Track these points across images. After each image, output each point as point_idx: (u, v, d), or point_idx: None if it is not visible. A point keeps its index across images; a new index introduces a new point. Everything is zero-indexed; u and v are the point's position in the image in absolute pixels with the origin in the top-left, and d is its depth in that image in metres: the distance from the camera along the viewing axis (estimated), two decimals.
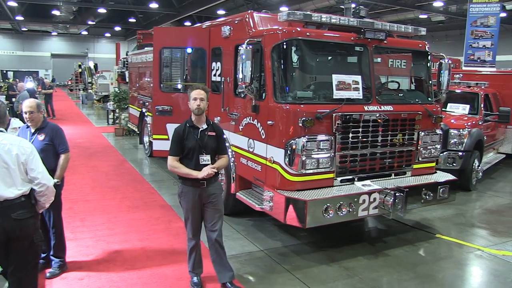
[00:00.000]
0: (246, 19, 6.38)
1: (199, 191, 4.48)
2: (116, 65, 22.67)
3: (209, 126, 4.57)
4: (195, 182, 4.44)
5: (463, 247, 6.30)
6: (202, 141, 4.46)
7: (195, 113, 4.48)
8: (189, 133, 4.46)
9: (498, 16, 15.82)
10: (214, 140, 4.54)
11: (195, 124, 4.51)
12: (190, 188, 4.50)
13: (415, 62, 6.98)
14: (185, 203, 4.59)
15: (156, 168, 10.49)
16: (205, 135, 4.49)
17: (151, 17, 37.27)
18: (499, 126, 10.84)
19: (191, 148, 4.43)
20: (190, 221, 4.63)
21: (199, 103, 4.44)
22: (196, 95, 4.47)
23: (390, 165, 6.15)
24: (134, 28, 40.42)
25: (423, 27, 6.77)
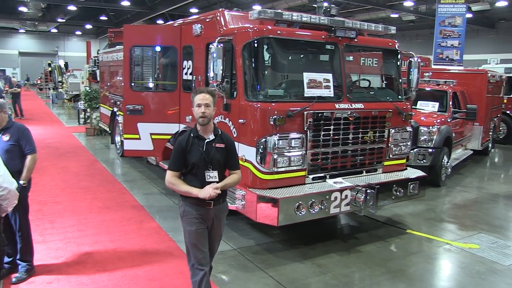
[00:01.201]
0: (217, 17, 6.36)
1: (204, 212, 3.81)
2: (87, 63, 22.28)
3: (217, 136, 3.85)
4: (200, 200, 3.76)
5: (433, 241, 6.43)
6: (208, 155, 3.76)
7: (199, 123, 3.76)
8: (193, 145, 3.77)
9: (464, 17, 16.23)
10: (223, 153, 3.84)
11: (200, 134, 3.81)
12: (194, 207, 3.81)
13: (385, 61, 7.08)
14: (188, 225, 3.84)
15: (128, 168, 10.36)
16: (212, 147, 3.78)
17: (123, 15, 36.77)
18: (466, 123, 11.09)
19: (196, 163, 3.75)
20: (195, 247, 3.81)
21: (204, 110, 3.69)
22: (200, 100, 3.71)
23: (361, 163, 6.23)
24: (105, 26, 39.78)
25: (394, 26, 6.86)
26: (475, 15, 26.67)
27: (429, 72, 11.64)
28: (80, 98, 18.40)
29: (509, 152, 14.94)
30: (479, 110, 10.90)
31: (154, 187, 8.71)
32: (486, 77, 12.14)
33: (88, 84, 18.58)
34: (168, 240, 6.04)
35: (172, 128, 7.71)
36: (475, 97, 11.76)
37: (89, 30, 49.25)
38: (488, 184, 10.34)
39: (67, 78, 25.96)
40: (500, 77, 13.73)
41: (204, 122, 3.75)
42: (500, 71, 14.62)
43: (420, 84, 10.13)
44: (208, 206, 3.80)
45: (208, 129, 3.82)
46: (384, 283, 5.05)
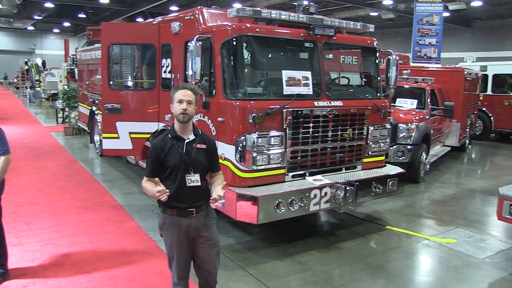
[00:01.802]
0: (196, 15, 6.33)
1: (187, 222, 3.48)
2: (65, 62, 21.95)
3: (198, 136, 3.55)
4: (181, 210, 3.46)
5: (412, 237, 6.50)
6: (189, 157, 3.45)
7: (179, 120, 3.45)
8: (172, 147, 3.45)
9: (441, 15, 16.48)
10: (205, 155, 3.55)
11: (179, 134, 3.51)
12: (174, 218, 3.49)
13: (364, 58, 7.12)
14: (169, 238, 3.55)
15: (108, 167, 10.24)
16: (193, 148, 3.48)
17: (101, 13, 36.30)
18: (444, 120, 11.25)
19: (175, 166, 3.43)
20: (175, 261, 3.57)
21: (185, 107, 3.40)
22: (181, 96, 3.42)
23: (340, 160, 6.26)
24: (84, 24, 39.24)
25: (373, 24, 6.91)
26: (452, 14, 27.16)
27: (408, 70, 11.77)
28: (58, 97, 18.11)
29: (486, 148, 15.22)
30: (456, 107, 11.05)
31: (134, 186, 8.63)
32: (463, 75, 12.33)
33: (66, 82, 18.31)
34: (147, 239, 5.99)
35: (151, 126, 7.66)
36: (452, 94, 11.94)
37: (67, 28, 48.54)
38: (465, 180, 10.51)
39: (44, 76, 25.53)
40: (476, 75, 13.95)
41: (185, 119, 3.44)
42: (476, 69, 14.85)
43: (399, 82, 10.28)
44: (190, 215, 3.48)
45: (187, 129, 3.52)
46: (363, 279, 5.09)
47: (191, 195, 3.47)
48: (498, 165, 12.59)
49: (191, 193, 3.47)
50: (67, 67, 18.92)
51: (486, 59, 20.17)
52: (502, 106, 15.84)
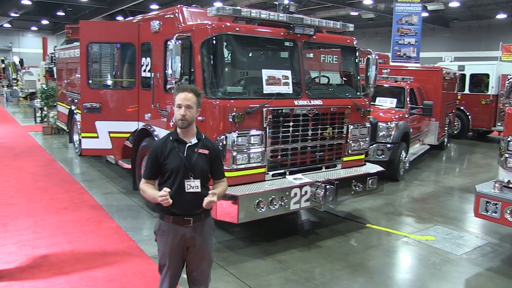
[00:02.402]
0: (176, 14, 6.29)
1: (183, 230, 3.34)
2: (44, 60, 21.61)
3: (200, 141, 3.41)
4: (177, 218, 3.33)
5: (391, 235, 6.57)
6: (190, 161, 3.30)
7: (178, 126, 3.33)
8: (172, 150, 3.31)
9: (420, 15, 16.71)
10: (207, 161, 3.40)
11: (180, 137, 3.36)
12: (170, 226, 3.36)
13: (344, 57, 7.17)
14: (162, 245, 3.43)
15: (87, 167, 10.11)
16: (194, 152, 3.34)
17: (81, 11, 35.76)
18: (423, 118, 11.40)
19: (174, 170, 3.29)
20: (166, 269, 3.45)
21: (183, 113, 3.24)
22: (181, 100, 3.26)
23: (320, 158, 6.29)
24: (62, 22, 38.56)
25: (354, 24, 6.96)
26: (431, 15, 27.55)
27: (387, 69, 11.89)
28: (36, 96, 17.84)
29: (464, 146, 15.46)
30: (435, 106, 11.22)
31: (114, 186, 8.54)
32: (441, 74, 12.53)
33: (45, 81, 18.00)
34: (127, 240, 5.94)
35: (131, 126, 7.59)
36: (431, 93, 12.11)
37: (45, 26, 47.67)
38: (444, 177, 10.66)
39: (22, 75, 25.12)
40: (454, 74, 14.17)
41: (183, 125, 3.28)
42: (454, 69, 15.09)
43: (379, 81, 10.36)
44: (187, 224, 3.33)
45: (189, 133, 3.38)
46: (344, 277, 5.13)
47: (189, 201, 3.30)
48: (475, 163, 12.81)
49: (190, 199, 3.30)
50: (45, 65, 18.64)
51: (463, 59, 20.53)
52: (479, 105, 16.12)
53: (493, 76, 15.84)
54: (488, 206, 5.47)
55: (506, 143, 5.63)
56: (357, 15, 30.95)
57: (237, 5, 21.61)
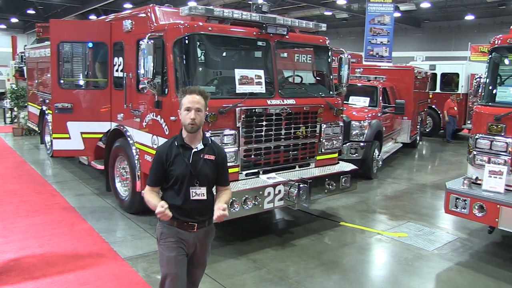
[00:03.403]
0: (148, 13, 6.25)
1: (186, 236, 3.26)
2: (13, 59, 21.13)
3: (207, 146, 3.29)
4: (182, 223, 3.23)
5: (365, 232, 6.66)
6: (195, 168, 3.19)
7: (187, 130, 3.19)
8: (178, 155, 3.19)
9: (392, 16, 16.97)
10: (213, 167, 3.29)
11: (186, 143, 3.24)
12: (174, 229, 3.24)
13: (317, 57, 7.22)
14: (167, 251, 3.25)
15: (59, 168, 9.94)
16: (200, 158, 3.23)
17: (52, 9, 35.08)
18: (396, 117, 11.57)
19: (179, 177, 3.18)
20: (171, 278, 3.25)
21: (193, 117, 3.12)
22: (190, 103, 3.14)
23: (294, 158, 6.33)
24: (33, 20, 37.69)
25: (328, 24, 7.01)
26: (403, 15, 27.99)
27: (360, 68, 12.03)
28: (5, 96, 17.42)
29: (435, 144, 15.78)
30: (407, 105, 11.41)
31: (87, 187, 8.42)
32: (413, 74, 12.75)
33: (15, 81, 17.64)
34: (101, 242, 5.87)
35: (103, 126, 7.50)
36: (403, 92, 12.31)
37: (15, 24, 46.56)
38: (416, 175, 10.86)
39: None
40: (425, 74, 14.44)
41: (193, 129, 3.16)
42: (426, 68, 15.38)
43: (352, 80, 10.48)
44: (191, 229, 3.24)
45: (196, 137, 3.25)
46: (318, 275, 5.17)
47: (195, 209, 3.23)
48: (447, 160, 13.08)
49: (195, 206, 3.22)
50: (15, 65, 18.24)
51: (434, 59, 20.98)
52: None
53: (462, 75, 16.21)
54: (457, 202, 5.61)
55: (474, 141, 5.77)
56: (331, 15, 31.22)
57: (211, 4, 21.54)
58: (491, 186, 5.48)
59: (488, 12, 27.92)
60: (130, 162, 6.60)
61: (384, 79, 11.63)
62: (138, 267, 5.17)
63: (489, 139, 5.64)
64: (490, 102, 5.86)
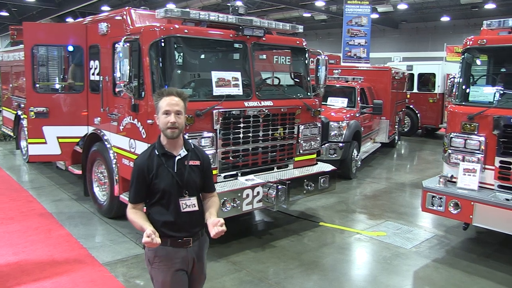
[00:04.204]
0: (124, 16, 6.20)
1: (183, 253, 2.96)
2: None
3: (190, 152, 3.02)
4: (176, 240, 2.94)
5: (344, 232, 6.71)
6: (182, 177, 2.92)
7: (167, 136, 2.90)
8: (160, 166, 2.90)
9: (369, 17, 17.16)
10: (199, 173, 3.02)
11: (168, 150, 2.95)
12: (168, 249, 2.93)
13: (294, 58, 7.26)
14: (162, 275, 2.95)
15: (36, 174, 9.77)
16: (185, 166, 2.95)
17: (27, 11, 34.49)
18: (374, 117, 11.68)
19: (166, 189, 2.90)
20: None
21: (173, 120, 2.84)
22: (169, 106, 2.86)
23: (272, 159, 6.34)
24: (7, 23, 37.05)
25: (307, 25, 7.05)
26: (381, 16, 28.37)
27: (338, 69, 12.12)
28: None
29: (413, 143, 15.98)
30: (385, 105, 11.54)
31: (64, 192, 8.30)
32: (391, 74, 12.88)
33: None
34: (78, 247, 5.79)
35: (80, 130, 7.40)
36: (381, 92, 12.44)
37: None
38: (395, 174, 10.98)
39: None
40: (403, 74, 14.62)
41: (174, 135, 2.88)
42: (403, 69, 15.57)
43: (330, 81, 10.57)
44: (187, 245, 2.96)
45: (177, 143, 2.96)
46: (298, 275, 5.19)
47: (187, 222, 2.97)
48: (424, 159, 13.26)
49: (187, 219, 2.96)
50: None
51: (412, 59, 21.26)
52: (427, 104, 16.70)
53: (439, 75, 16.45)
54: (434, 201, 5.70)
55: (449, 140, 5.87)
56: (310, 16, 31.45)
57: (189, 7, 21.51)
58: (466, 183, 5.59)
59: (462, 14, 28.50)
60: (108, 166, 6.54)
61: (362, 80, 11.74)
62: (117, 272, 5.11)
63: (463, 137, 5.75)
64: (463, 101, 5.98)
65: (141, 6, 7.07)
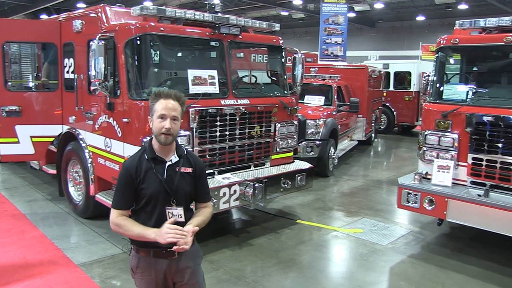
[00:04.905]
0: (98, 13, 6.11)
1: (166, 264, 2.79)
2: None
3: (183, 158, 2.87)
4: (159, 251, 2.75)
5: (322, 229, 6.76)
6: (171, 184, 2.77)
7: (160, 142, 2.75)
8: (149, 171, 2.75)
9: (346, 16, 17.30)
10: (190, 181, 2.87)
11: (158, 155, 2.80)
12: (151, 260, 2.79)
13: (271, 57, 7.27)
14: (144, 285, 2.86)
15: (8, 174, 9.56)
16: (176, 172, 2.80)
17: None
18: (351, 115, 11.80)
19: (153, 196, 2.74)
20: None
21: (168, 126, 2.70)
22: (165, 110, 2.72)
23: (249, 157, 6.34)
24: None
25: (285, 24, 7.07)
26: (358, 15, 28.62)
27: (315, 68, 12.20)
28: None
29: (390, 141, 16.19)
30: (361, 103, 11.66)
31: (38, 193, 8.14)
32: (367, 72, 13.02)
33: None
34: (53, 249, 5.69)
35: (54, 129, 7.28)
36: (358, 91, 12.56)
37: None
38: (372, 171, 11.11)
39: None
40: (379, 72, 14.79)
41: (168, 141, 2.74)
42: (379, 67, 15.75)
43: (307, 79, 10.61)
44: (171, 256, 2.77)
45: (169, 148, 2.82)
46: (275, 273, 5.21)
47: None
48: (400, 156, 13.44)
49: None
50: None
51: (388, 57, 21.53)
52: (403, 102, 16.94)
53: (414, 74, 16.71)
54: (409, 197, 5.78)
55: (424, 137, 5.96)
56: (287, 15, 31.52)
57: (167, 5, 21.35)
58: (440, 180, 5.68)
59: (437, 13, 28.96)
60: (83, 165, 6.45)
61: (339, 78, 11.82)
62: (93, 273, 5.05)
63: (437, 135, 5.84)
64: (437, 99, 6.07)
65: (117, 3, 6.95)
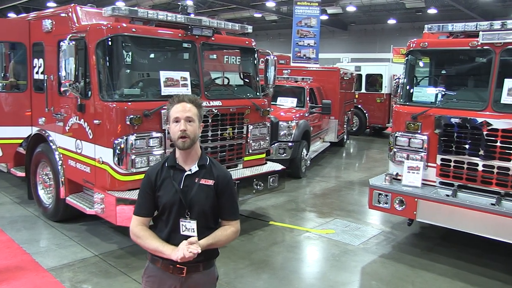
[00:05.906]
0: (69, 13, 6.03)
1: (172, 281, 2.64)
2: None
3: (204, 168, 2.69)
4: (167, 264, 2.61)
5: (294, 230, 6.81)
6: (186, 195, 2.61)
7: (178, 147, 2.62)
8: (166, 179, 2.64)
9: (318, 18, 17.45)
10: (210, 195, 2.65)
11: (178, 163, 2.68)
12: (159, 271, 2.66)
13: (243, 58, 7.29)
14: None
15: None
16: (195, 183, 2.63)
17: None
18: (323, 117, 11.90)
19: (167, 205, 2.62)
20: None
21: (184, 128, 2.56)
22: (178, 113, 2.60)
23: (221, 159, 6.33)
24: None
25: (258, 26, 7.10)
26: (330, 18, 28.94)
27: (288, 70, 12.27)
28: None
29: (362, 142, 16.43)
30: (333, 105, 11.78)
31: (6, 196, 7.95)
32: (339, 75, 13.16)
33: None
34: (21, 253, 5.56)
35: (23, 131, 7.13)
36: (330, 93, 12.69)
37: None
38: (344, 173, 11.25)
39: None
40: (351, 75, 14.97)
41: (185, 145, 2.58)
42: (351, 69, 15.95)
43: (279, 81, 10.67)
44: (178, 273, 2.60)
45: (190, 157, 2.67)
46: (248, 275, 5.23)
47: None
48: (372, 157, 13.66)
49: None
50: None
51: (360, 60, 21.79)
52: (375, 104, 17.21)
53: (385, 76, 16.99)
54: (380, 198, 5.88)
55: (394, 139, 6.08)
56: (260, 17, 31.61)
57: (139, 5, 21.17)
58: (410, 181, 5.80)
59: (407, 17, 29.54)
60: (53, 168, 6.33)
61: (311, 80, 11.93)
62: (63, 277, 4.97)
63: (407, 136, 5.97)
64: (407, 101, 6.20)
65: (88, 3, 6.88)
